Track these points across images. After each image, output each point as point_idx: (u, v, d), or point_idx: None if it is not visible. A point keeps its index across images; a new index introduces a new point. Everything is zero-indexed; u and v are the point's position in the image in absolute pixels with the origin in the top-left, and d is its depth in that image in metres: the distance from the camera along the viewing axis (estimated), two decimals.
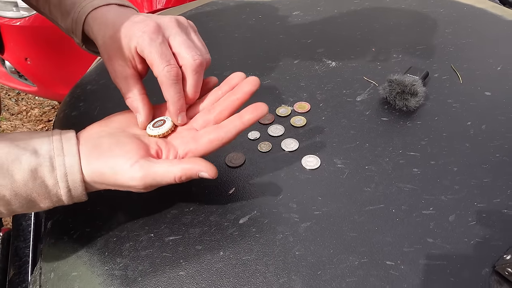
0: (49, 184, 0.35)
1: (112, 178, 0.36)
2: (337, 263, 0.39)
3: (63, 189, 0.35)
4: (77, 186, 0.36)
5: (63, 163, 0.35)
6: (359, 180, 0.46)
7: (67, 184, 0.35)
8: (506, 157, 0.48)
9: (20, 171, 0.33)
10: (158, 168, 0.36)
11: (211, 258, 0.40)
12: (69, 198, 0.36)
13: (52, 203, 0.36)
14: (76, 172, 0.35)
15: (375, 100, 0.58)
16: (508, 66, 0.63)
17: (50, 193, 0.35)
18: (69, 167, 0.35)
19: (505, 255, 0.37)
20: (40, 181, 0.34)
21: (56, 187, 0.35)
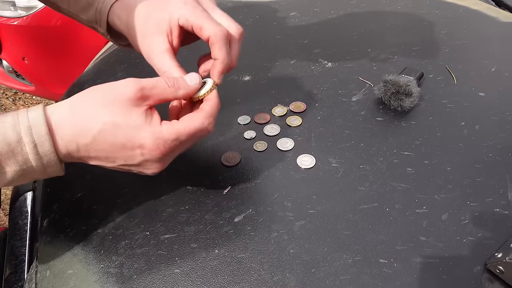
0: (12, 140, 0.31)
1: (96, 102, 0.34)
2: (331, 261, 0.39)
3: (28, 144, 0.32)
4: (44, 140, 0.32)
5: (26, 117, 0.32)
6: (354, 179, 0.47)
7: (32, 138, 0.32)
8: (499, 157, 0.48)
9: None
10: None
11: (206, 256, 0.40)
12: (36, 157, 0.32)
13: (19, 165, 0.32)
14: (41, 124, 0.32)
15: (370, 100, 0.58)
16: (502, 67, 0.64)
17: (14, 151, 0.32)
18: (33, 119, 0.32)
19: (497, 253, 0.38)
20: (1, 137, 0.31)
21: (21, 143, 0.32)
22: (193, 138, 0.37)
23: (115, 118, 0.34)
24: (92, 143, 0.34)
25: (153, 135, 0.34)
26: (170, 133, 0.35)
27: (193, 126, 0.37)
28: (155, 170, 0.38)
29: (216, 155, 0.51)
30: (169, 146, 0.36)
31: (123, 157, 0.35)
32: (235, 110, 0.58)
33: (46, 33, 1.52)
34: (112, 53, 0.79)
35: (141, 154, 0.35)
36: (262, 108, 0.58)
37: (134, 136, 0.34)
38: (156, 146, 0.35)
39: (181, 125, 0.36)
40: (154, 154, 0.35)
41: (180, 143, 0.36)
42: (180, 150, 0.38)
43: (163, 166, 0.38)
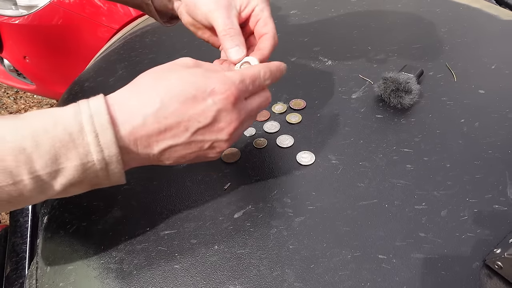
0: (74, 129, 0.30)
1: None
2: (330, 256, 0.39)
3: (89, 134, 0.30)
4: (105, 129, 0.30)
5: (87, 106, 0.31)
6: (353, 175, 0.47)
7: (94, 127, 0.30)
8: (498, 154, 0.48)
9: (39, 119, 0.30)
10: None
11: (206, 251, 0.40)
12: (98, 148, 0.30)
13: (79, 157, 0.30)
14: (102, 113, 0.31)
15: (370, 97, 0.59)
16: (502, 65, 0.64)
17: (75, 141, 0.30)
18: (94, 107, 0.31)
19: (495, 249, 0.38)
20: (62, 127, 0.30)
21: (82, 133, 0.30)
22: (255, 85, 0.37)
23: (179, 73, 0.34)
24: (160, 108, 0.32)
25: (221, 78, 0.34)
26: (235, 75, 0.35)
27: (252, 70, 0.37)
28: (230, 129, 0.35)
29: None
30: (237, 87, 0.34)
31: (196, 115, 0.33)
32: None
33: (47, 32, 1.52)
34: (112, 51, 0.80)
35: (213, 103, 0.33)
36: None
37: (203, 83, 0.33)
38: (227, 87, 0.33)
39: (243, 70, 0.37)
40: (227, 97, 0.33)
41: (246, 87, 0.35)
42: (248, 107, 0.37)
43: (236, 124, 0.35)
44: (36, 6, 1.48)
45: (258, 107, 0.38)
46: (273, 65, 0.39)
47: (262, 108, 0.39)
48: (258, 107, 0.38)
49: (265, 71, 0.38)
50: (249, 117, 0.38)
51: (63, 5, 1.49)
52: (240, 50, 0.42)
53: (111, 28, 1.52)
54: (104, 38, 1.54)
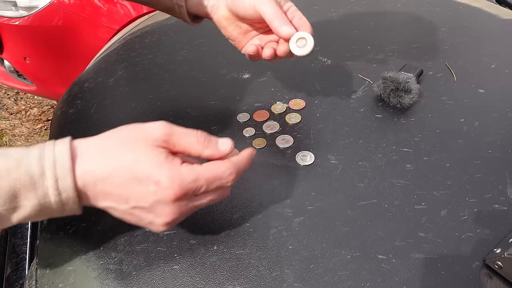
0: (35, 173, 0.31)
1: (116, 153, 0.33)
2: (330, 257, 0.39)
3: (50, 178, 0.31)
4: (65, 175, 0.32)
5: (52, 151, 0.32)
6: (353, 175, 0.47)
7: (55, 172, 0.32)
8: (498, 153, 0.48)
9: (4, 161, 0.31)
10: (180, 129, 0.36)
11: (205, 252, 0.40)
12: (56, 192, 0.32)
13: (37, 199, 0.32)
14: (65, 159, 0.32)
15: (369, 97, 0.58)
16: (502, 64, 0.64)
17: (35, 184, 0.31)
18: (59, 153, 0.32)
19: (495, 249, 0.38)
20: (25, 169, 0.31)
21: (43, 177, 0.31)
22: (211, 186, 0.35)
23: (136, 155, 0.33)
24: (108, 177, 0.33)
25: (171, 172, 0.33)
26: (189, 173, 0.34)
27: (214, 171, 0.35)
28: (165, 219, 0.34)
29: None
30: (185, 187, 0.33)
31: (136, 196, 0.33)
32: (235, 107, 0.58)
33: (48, 33, 1.53)
34: (112, 52, 0.80)
35: (154, 192, 0.33)
36: (262, 105, 0.58)
37: (152, 171, 0.33)
38: (172, 183, 0.33)
39: (202, 168, 0.35)
40: (167, 193, 0.33)
41: (197, 187, 0.34)
42: (194, 203, 0.35)
43: (173, 217, 0.34)
44: (36, 7, 1.49)
45: (208, 203, 0.36)
46: (243, 162, 0.38)
47: (213, 203, 0.37)
48: (208, 202, 0.36)
49: (231, 171, 0.36)
50: (194, 209, 0.36)
51: (63, 6, 1.50)
52: (291, 27, 0.46)
53: (111, 28, 1.52)
54: (104, 39, 1.54)
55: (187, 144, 0.35)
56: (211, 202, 0.36)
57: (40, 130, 1.91)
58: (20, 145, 1.81)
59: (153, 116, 0.59)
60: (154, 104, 0.61)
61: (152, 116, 0.59)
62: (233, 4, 0.48)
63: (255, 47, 0.49)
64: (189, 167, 0.34)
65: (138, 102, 0.62)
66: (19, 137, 1.86)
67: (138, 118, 0.59)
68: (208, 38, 0.78)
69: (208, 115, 0.58)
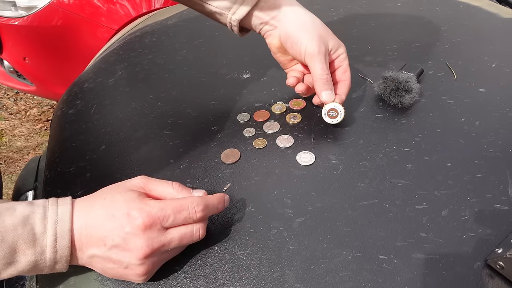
0: (38, 231, 0.34)
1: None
2: (331, 257, 0.39)
3: (50, 237, 0.34)
4: (64, 235, 0.35)
5: (55, 212, 0.35)
6: (353, 175, 0.47)
7: (55, 232, 0.34)
8: (499, 153, 0.48)
9: (12, 216, 0.33)
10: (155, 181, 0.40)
11: (206, 253, 0.40)
12: (53, 250, 0.34)
13: (34, 255, 0.34)
14: (66, 220, 0.35)
15: (370, 97, 0.58)
16: (502, 63, 0.64)
17: (36, 241, 0.34)
18: (61, 214, 0.35)
19: (497, 249, 0.38)
20: (30, 228, 0.34)
21: (44, 235, 0.34)
22: (178, 216, 0.37)
23: (114, 196, 0.37)
24: (92, 219, 0.36)
25: (140, 205, 0.36)
26: (156, 204, 0.37)
27: (181, 201, 0.38)
28: (139, 254, 0.35)
29: (216, 152, 0.51)
30: (153, 215, 0.36)
31: (111, 232, 0.35)
32: (235, 107, 0.58)
33: (47, 33, 1.52)
34: (112, 52, 0.80)
35: (126, 223, 0.35)
36: (262, 105, 0.58)
37: (124, 206, 0.36)
38: (140, 213, 0.35)
39: (169, 200, 0.38)
40: (137, 223, 0.35)
41: (165, 216, 0.36)
42: (166, 237, 0.36)
43: (146, 251, 0.35)
44: (35, 7, 1.48)
45: (179, 239, 0.37)
46: (213, 199, 0.39)
47: (186, 241, 0.38)
48: (179, 239, 0.37)
49: (198, 203, 0.38)
50: (165, 247, 0.36)
51: (63, 6, 1.49)
52: (332, 94, 0.50)
53: (110, 28, 1.52)
54: (104, 39, 1.53)
55: (163, 189, 0.39)
56: (183, 238, 0.37)
57: (40, 130, 1.90)
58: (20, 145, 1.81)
59: (153, 117, 0.59)
60: (154, 104, 0.61)
61: (152, 116, 0.59)
62: (286, 42, 0.51)
63: (295, 80, 0.54)
64: (157, 200, 0.38)
65: (138, 103, 0.62)
66: (19, 137, 1.86)
67: (138, 119, 0.59)
68: (208, 38, 0.77)
69: (208, 115, 0.57)
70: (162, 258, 0.38)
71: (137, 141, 0.55)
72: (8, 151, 1.78)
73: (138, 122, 0.58)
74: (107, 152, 0.54)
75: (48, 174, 0.55)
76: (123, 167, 0.51)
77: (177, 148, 0.53)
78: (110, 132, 0.57)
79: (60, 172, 0.53)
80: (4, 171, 1.67)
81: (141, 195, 0.38)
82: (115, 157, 0.53)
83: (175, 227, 0.37)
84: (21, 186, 0.65)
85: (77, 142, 0.57)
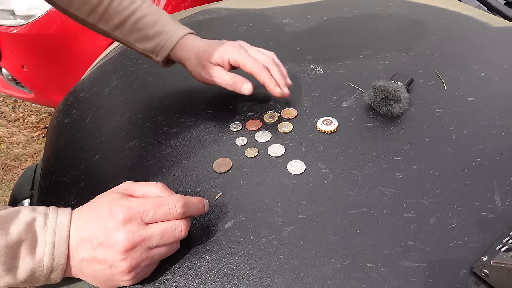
0: (38, 238, 0.35)
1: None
2: (319, 265, 0.40)
3: (48, 245, 0.35)
4: (62, 242, 0.36)
5: (55, 220, 0.37)
6: (343, 184, 0.47)
7: (54, 239, 0.35)
8: (486, 161, 0.49)
9: (16, 224, 0.35)
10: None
11: (197, 262, 0.41)
12: (51, 257, 0.35)
13: (32, 262, 0.35)
14: (64, 229, 0.36)
15: (360, 106, 0.59)
16: (491, 72, 0.65)
17: (35, 248, 0.35)
18: (60, 223, 0.37)
19: (482, 257, 0.38)
20: (32, 235, 0.35)
21: (43, 242, 0.35)
22: (158, 211, 0.38)
23: (100, 198, 0.40)
24: (82, 223, 0.37)
25: (121, 201, 0.38)
26: (137, 200, 0.39)
27: (161, 197, 0.39)
28: (121, 248, 0.36)
29: (208, 161, 0.52)
30: (133, 210, 0.37)
31: (97, 230, 0.36)
32: (227, 116, 0.59)
33: (45, 41, 1.54)
34: (108, 61, 0.80)
35: (108, 218, 0.37)
36: (254, 114, 0.59)
37: (108, 204, 0.38)
38: (121, 208, 0.37)
39: (151, 197, 0.40)
40: (118, 217, 0.36)
41: (144, 211, 0.37)
42: (147, 231, 0.37)
43: (127, 244, 0.36)
44: (34, 15, 1.50)
45: (160, 234, 0.38)
46: (193, 199, 0.41)
47: (167, 236, 0.38)
48: (160, 234, 0.38)
49: (178, 199, 0.39)
50: (146, 241, 0.37)
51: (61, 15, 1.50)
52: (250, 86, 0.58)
53: None
54: (102, 46, 1.55)
55: (146, 189, 0.41)
56: (164, 233, 0.38)
57: (38, 138, 1.91)
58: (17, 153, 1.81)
59: (147, 126, 0.59)
60: (148, 113, 0.62)
61: (146, 126, 0.60)
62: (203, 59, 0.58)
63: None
64: (139, 198, 0.40)
65: (132, 112, 0.63)
66: (17, 145, 1.86)
67: (132, 128, 0.59)
68: None
69: (201, 125, 0.58)
70: (146, 257, 0.37)
71: (131, 151, 0.55)
72: (6, 158, 1.78)
73: (132, 131, 0.59)
74: (101, 162, 0.54)
75: (43, 184, 0.55)
76: (117, 176, 0.52)
77: (170, 157, 0.53)
78: (105, 142, 0.58)
79: (54, 181, 0.54)
80: (2, 178, 1.68)
81: (124, 195, 0.40)
82: (109, 166, 0.53)
83: (156, 223, 0.38)
84: (17, 194, 0.65)
85: (72, 152, 0.58)
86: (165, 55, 0.60)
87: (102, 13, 0.58)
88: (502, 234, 0.41)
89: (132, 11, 0.58)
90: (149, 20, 0.58)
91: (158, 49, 0.60)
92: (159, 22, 0.59)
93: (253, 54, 0.58)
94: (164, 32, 0.59)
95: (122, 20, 0.58)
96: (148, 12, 0.59)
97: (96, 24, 0.59)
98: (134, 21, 0.58)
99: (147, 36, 0.59)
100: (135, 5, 0.58)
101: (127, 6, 0.58)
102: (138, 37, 0.59)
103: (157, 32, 0.59)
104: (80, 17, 0.59)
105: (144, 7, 0.59)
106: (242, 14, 0.92)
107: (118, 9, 0.57)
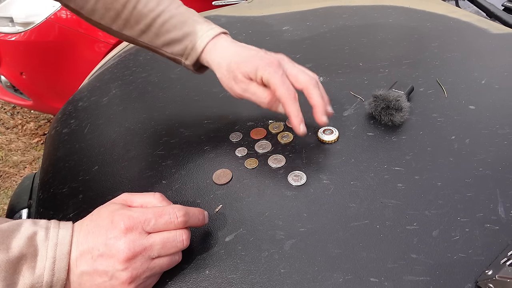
0: (40, 253, 0.34)
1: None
2: (322, 280, 0.39)
3: (49, 259, 0.35)
4: (63, 257, 0.35)
5: (56, 234, 0.36)
6: (344, 196, 0.47)
7: (55, 254, 0.35)
8: (489, 171, 0.48)
9: (17, 239, 0.34)
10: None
11: (197, 277, 0.40)
12: (51, 272, 0.34)
13: (32, 278, 0.34)
14: (66, 243, 0.36)
15: (361, 115, 0.59)
16: (492, 79, 0.64)
17: (36, 263, 0.34)
18: (61, 238, 0.36)
19: (487, 270, 0.38)
20: (33, 249, 0.34)
21: (44, 257, 0.34)
22: (159, 221, 0.37)
23: (99, 210, 0.39)
24: (83, 235, 0.37)
25: (122, 211, 0.38)
26: (137, 209, 0.38)
27: (162, 207, 0.39)
28: (121, 257, 0.35)
29: (208, 172, 0.51)
30: (134, 219, 0.37)
31: (97, 242, 0.36)
32: (227, 127, 0.59)
33: (44, 48, 1.54)
34: (106, 70, 0.80)
35: (109, 229, 0.36)
36: (254, 124, 0.59)
37: (108, 216, 0.38)
38: (122, 217, 0.37)
39: (151, 207, 0.40)
40: (119, 227, 0.36)
41: (146, 220, 0.37)
42: (148, 241, 0.37)
43: (128, 254, 0.35)
44: (32, 23, 1.50)
45: (162, 244, 0.37)
46: (194, 209, 0.41)
47: (169, 246, 0.38)
48: (161, 243, 0.37)
49: (179, 209, 0.39)
50: (148, 251, 0.36)
51: (60, 21, 1.51)
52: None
53: (107, 43, 1.53)
54: (101, 53, 1.55)
55: (144, 200, 0.41)
56: (165, 243, 0.37)
57: (36, 145, 1.90)
58: (16, 160, 1.80)
59: (146, 136, 0.59)
60: (147, 123, 0.62)
61: (145, 136, 0.59)
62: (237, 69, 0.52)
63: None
64: (139, 207, 0.40)
65: (131, 122, 0.62)
66: (15, 152, 1.86)
67: (131, 139, 0.59)
68: None
69: (200, 135, 0.58)
70: (147, 268, 0.37)
71: (130, 162, 0.55)
72: (4, 165, 1.77)
73: (131, 142, 0.58)
74: (100, 173, 0.54)
75: (41, 195, 0.55)
76: (115, 188, 0.51)
77: (169, 168, 0.53)
78: (103, 152, 0.57)
79: (52, 193, 0.53)
80: (0, 186, 1.67)
81: (124, 206, 0.39)
82: (108, 178, 0.53)
83: (157, 232, 0.38)
84: (15, 204, 0.64)
85: (70, 162, 0.57)
86: (195, 58, 0.55)
87: (126, 19, 0.54)
88: (507, 246, 0.40)
89: (158, 13, 0.54)
90: (177, 21, 0.54)
91: (188, 52, 0.55)
92: (188, 22, 0.54)
93: (294, 72, 0.51)
94: (193, 33, 0.54)
95: (148, 23, 0.54)
96: (176, 13, 0.54)
97: (121, 31, 0.56)
98: (161, 24, 0.54)
99: (175, 39, 0.54)
100: (162, 6, 0.54)
101: (153, 8, 0.54)
102: (165, 41, 0.55)
103: (186, 34, 0.54)
104: (104, 25, 0.56)
105: (171, 8, 0.54)
106: (241, 22, 0.91)
107: (144, 11, 0.54)
